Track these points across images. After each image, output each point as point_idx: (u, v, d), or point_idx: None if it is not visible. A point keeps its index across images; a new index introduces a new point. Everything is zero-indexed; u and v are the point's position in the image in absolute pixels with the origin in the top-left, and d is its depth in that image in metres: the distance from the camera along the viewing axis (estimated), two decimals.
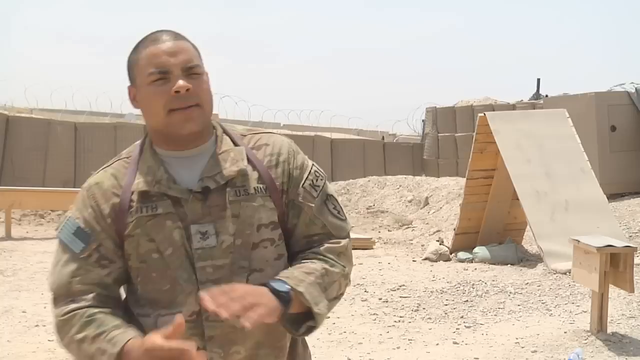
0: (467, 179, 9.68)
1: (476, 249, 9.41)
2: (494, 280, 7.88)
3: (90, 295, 1.61)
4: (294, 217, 1.71)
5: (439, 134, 19.42)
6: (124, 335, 1.54)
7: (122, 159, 1.72)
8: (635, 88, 12.49)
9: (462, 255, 9.45)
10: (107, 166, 1.73)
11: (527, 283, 7.67)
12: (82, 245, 1.63)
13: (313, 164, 1.78)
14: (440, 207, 13.00)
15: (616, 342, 5.43)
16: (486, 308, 6.76)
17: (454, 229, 9.96)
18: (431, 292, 7.43)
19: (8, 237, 11.19)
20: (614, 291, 5.98)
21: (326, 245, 1.70)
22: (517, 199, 8.88)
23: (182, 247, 1.61)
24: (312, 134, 20.41)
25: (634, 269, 5.58)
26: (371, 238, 11.21)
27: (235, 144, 1.71)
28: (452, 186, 13.57)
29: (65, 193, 12.56)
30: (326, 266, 1.66)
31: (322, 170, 1.79)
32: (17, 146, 15.10)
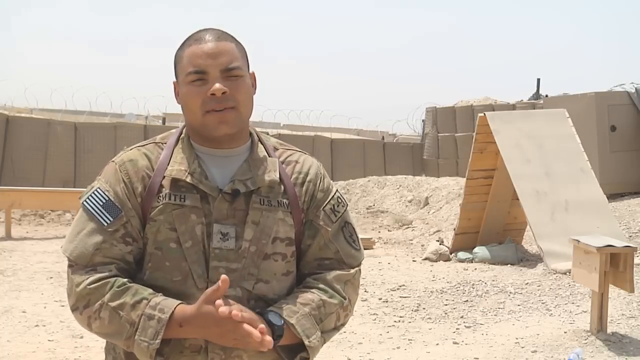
0: (467, 179, 9.68)
1: (476, 249, 9.41)
2: (494, 280, 7.88)
3: (112, 266, 1.60)
4: (309, 238, 1.72)
5: (439, 134, 19.41)
6: (169, 301, 1.56)
7: (156, 143, 1.73)
8: (635, 88, 12.48)
9: (462, 255, 9.45)
10: (140, 146, 1.73)
11: (527, 283, 7.67)
12: (111, 219, 1.62)
13: (337, 190, 1.80)
14: (440, 207, 13.00)
15: (616, 342, 5.43)
16: (486, 308, 6.76)
17: (454, 229, 9.96)
18: (431, 292, 7.43)
19: (8, 237, 11.18)
20: (614, 291, 5.98)
21: (335, 272, 1.70)
22: (517, 199, 8.88)
23: (201, 243, 1.62)
24: (312, 134, 20.40)
25: (634, 269, 5.58)
26: (371, 238, 11.21)
27: (269, 155, 1.73)
28: (452, 186, 13.57)
29: (65, 193, 12.56)
30: (324, 297, 1.66)
31: (344, 197, 1.81)
32: (17, 146, 15.10)
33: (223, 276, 1.50)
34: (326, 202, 1.74)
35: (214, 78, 1.62)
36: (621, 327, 5.80)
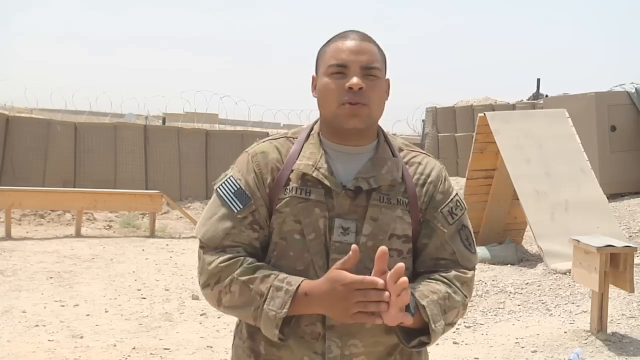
0: (467, 179, 9.68)
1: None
2: (494, 280, 7.88)
3: (240, 249, 1.70)
4: (425, 237, 1.77)
5: (439, 134, 19.41)
6: (296, 277, 1.63)
7: (287, 137, 1.81)
8: (635, 88, 12.48)
9: None
10: (273, 139, 1.81)
11: (527, 283, 7.67)
12: (240, 206, 1.71)
13: (457, 194, 1.84)
14: None
15: (616, 342, 5.43)
16: (486, 308, 6.77)
17: None
18: None
19: (8, 237, 11.18)
20: (614, 291, 5.98)
21: (454, 272, 1.75)
22: (517, 199, 8.88)
23: (323, 236, 1.68)
24: None
25: (634, 269, 5.58)
26: None
27: (393, 155, 1.79)
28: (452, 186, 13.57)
29: (65, 193, 12.57)
30: (449, 291, 1.71)
31: (463, 201, 1.86)
32: (17, 146, 15.08)
33: (354, 246, 1.54)
34: (445, 204, 1.79)
35: (354, 72, 1.70)
36: (621, 327, 5.80)
